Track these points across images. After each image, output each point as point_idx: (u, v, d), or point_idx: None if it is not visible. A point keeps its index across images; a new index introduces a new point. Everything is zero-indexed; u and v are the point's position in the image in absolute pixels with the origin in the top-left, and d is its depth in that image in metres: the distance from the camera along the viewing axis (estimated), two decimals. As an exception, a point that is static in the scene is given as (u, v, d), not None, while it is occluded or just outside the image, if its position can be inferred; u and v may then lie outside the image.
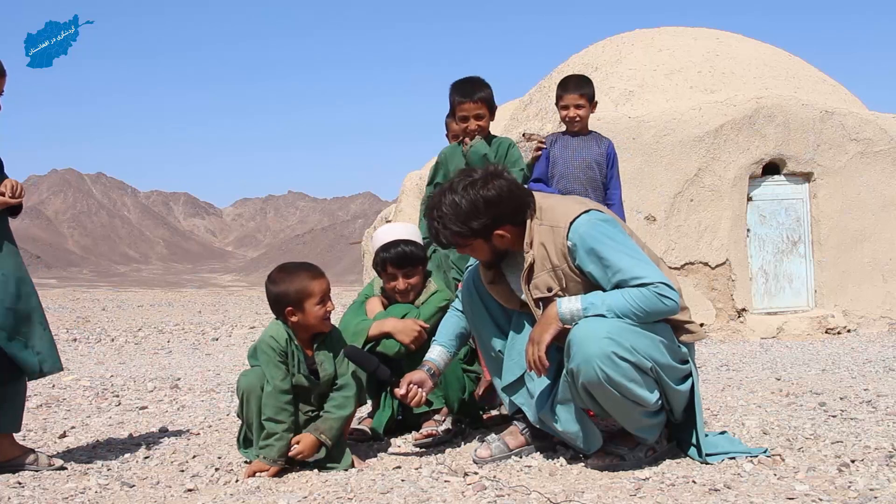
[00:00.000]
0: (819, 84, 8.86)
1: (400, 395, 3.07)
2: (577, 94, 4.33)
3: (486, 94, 4.00)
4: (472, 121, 4.00)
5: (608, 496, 2.47)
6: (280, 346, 2.98)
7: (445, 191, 2.85)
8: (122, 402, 4.79)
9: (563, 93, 4.38)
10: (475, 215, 2.78)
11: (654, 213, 7.45)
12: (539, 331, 2.75)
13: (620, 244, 2.72)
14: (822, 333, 7.54)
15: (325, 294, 3.02)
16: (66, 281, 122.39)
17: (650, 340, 2.68)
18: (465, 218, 2.78)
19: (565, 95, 4.36)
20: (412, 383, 3.08)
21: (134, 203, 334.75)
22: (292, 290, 2.98)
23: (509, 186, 2.83)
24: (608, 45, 9.35)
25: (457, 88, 4.04)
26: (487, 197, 2.78)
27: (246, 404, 3.02)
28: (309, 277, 2.99)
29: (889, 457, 2.79)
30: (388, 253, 3.53)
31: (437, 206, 2.84)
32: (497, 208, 2.79)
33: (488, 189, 2.79)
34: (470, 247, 2.89)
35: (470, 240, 2.84)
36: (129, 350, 8.17)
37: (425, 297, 3.57)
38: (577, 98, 4.33)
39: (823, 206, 7.83)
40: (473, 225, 2.79)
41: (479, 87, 4.03)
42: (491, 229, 2.81)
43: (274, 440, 2.92)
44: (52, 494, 2.74)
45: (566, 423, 2.88)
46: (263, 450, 2.93)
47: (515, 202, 2.83)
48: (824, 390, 4.36)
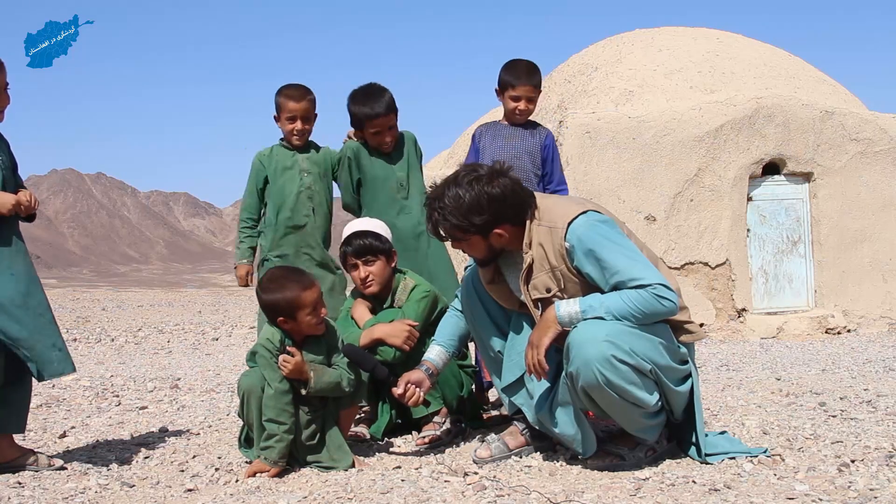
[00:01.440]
0: (819, 84, 8.86)
1: (398, 394, 3.07)
2: (532, 84, 3.96)
3: (390, 100, 3.88)
4: (387, 133, 3.91)
5: (608, 496, 2.47)
6: (275, 348, 2.98)
7: (449, 183, 2.83)
8: (122, 402, 4.79)
9: (515, 81, 3.95)
10: (477, 211, 2.77)
11: (654, 213, 7.45)
12: (538, 334, 2.75)
13: (618, 245, 2.72)
14: (822, 333, 7.54)
15: (317, 302, 2.99)
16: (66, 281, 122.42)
17: (649, 342, 2.67)
18: (466, 212, 2.77)
19: (518, 85, 3.95)
20: (410, 383, 3.08)
21: (134, 203, 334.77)
22: (283, 302, 2.96)
23: (513, 186, 2.82)
24: (608, 45, 9.35)
25: (362, 102, 3.87)
26: (491, 194, 2.77)
27: (246, 405, 3.02)
28: (299, 288, 2.96)
29: (889, 457, 2.79)
30: (348, 246, 3.55)
31: (439, 196, 2.83)
32: (499, 206, 2.78)
33: (493, 186, 2.78)
34: (467, 242, 2.88)
35: (468, 235, 2.84)
36: (129, 350, 8.17)
37: (404, 294, 3.54)
38: (531, 90, 3.96)
39: (823, 206, 7.83)
40: (475, 220, 2.78)
41: (382, 95, 3.88)
42: (491, 227, 2.81)
43: (274, 441, 2.91)
44: (52, 494, 2.74)
45: (564, 426, 2.87)
46: (264, 451, 2.93)
47: (518, 202, 2.82)
48: (824, 390, 4.36)
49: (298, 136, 3.96)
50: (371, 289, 3.54)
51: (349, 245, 3.56)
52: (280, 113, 3.95)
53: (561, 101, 8.77)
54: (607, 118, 7.47)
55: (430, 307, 3.51)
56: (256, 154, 4.06)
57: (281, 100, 3.94)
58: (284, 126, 3.96)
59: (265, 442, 2.93)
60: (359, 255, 3.52)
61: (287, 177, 3.96)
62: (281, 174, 3.96)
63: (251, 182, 4.04)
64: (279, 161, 3.99)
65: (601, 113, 7.57)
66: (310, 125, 3.98)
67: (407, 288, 3.55)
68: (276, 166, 3.98)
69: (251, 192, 4.04)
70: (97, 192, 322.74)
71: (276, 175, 3.98)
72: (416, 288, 3.54)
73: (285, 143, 4.02)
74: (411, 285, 3.55)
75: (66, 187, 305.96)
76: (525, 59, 4.06)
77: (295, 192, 3.94)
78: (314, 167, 4.00)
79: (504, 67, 4.01)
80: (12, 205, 3.02)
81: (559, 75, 9.48)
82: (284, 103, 3.92)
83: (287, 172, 3.97)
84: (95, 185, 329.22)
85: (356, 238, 3.55)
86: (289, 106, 3.91)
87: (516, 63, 4.00)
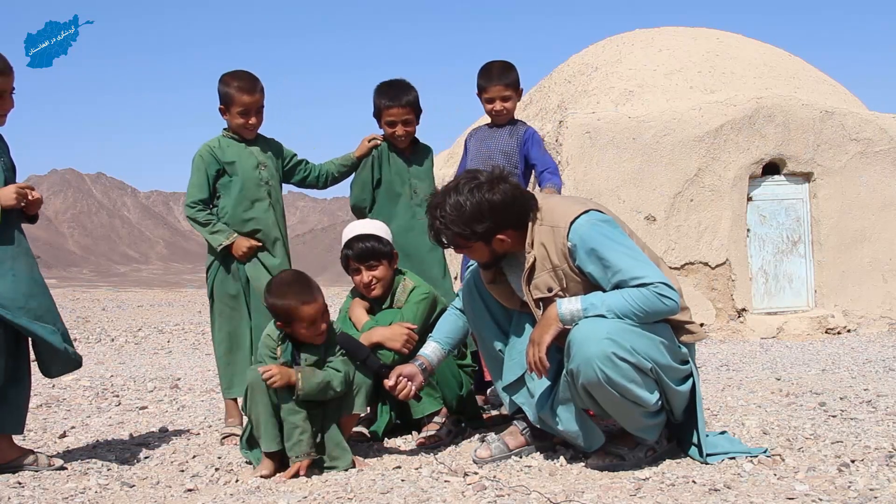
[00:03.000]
0: (819, 84, 8.86)
1: (389, 385, 3.06)
2: (502, 84, 3.92)
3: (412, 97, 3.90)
4: (400, 126, 3.92)
5: (608, 496, 2.47)
6: (274, 344, 3.01)
7: (449, 191, 2.82)
8: (122, 402, 4.79)
9: (486, 84, 3.95)
10: (479, 218, 2.76)
11: (654, 213, 7.45)
12: (539, 332, 2.75)
13: (620, 244, 2.72)
14: (822, 333, 7.54)
15: (315, 317, 2.98)
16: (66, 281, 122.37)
17: (650, 341, 2.67)
18: (468, 220, 2.76)
19: (489, 87, 3.94)
20: (402, 376, 3.07)
21: (134, 203, 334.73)
22: (280, 309, 2.97)
23: (513, 192, 2.81)
24: (608, 45, 9.35)
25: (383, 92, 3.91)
26: (493, 201, 2.76)
27: (251, 399, 3.00)
28: (298, 302, 2.95)
29: (889, 457, 2.79)
30: (350, 250, 3.51)
31: (439, 205, 2.81)
32: (501, 213, 2.77)
33: (494, 193, 2.76)
34: (470, 248, 2.88)
35: (471, 242, 2.83)
36: (129, 350, 8.17)
37: (403, 296, 3.53)
38: (502, 89, 3.92)
39: (823, 206, 7.83)
40: (477, 228, 2.77)
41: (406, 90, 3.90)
42: (493, 233, 2.80)
43: (299, 434, 2.91)
44: (52, 494, 2.74)
45: (567, 423, 2.88)
46: (294, 447, 2.92)
47: (519, 208, 2.81)
48: (824, 390, 4.35)
49: (251, 130, 3.75)
50: (375, 293, 3.53)
51: (350, 249, 3.51)
52: (230, 106, 3.68)
53: (561, 101, 8.77)
54: (607, 118, 7.46)
55: (429, 309, 3.50)
56: (204, 146, 3.75)
57: (231, 92, 3.66)
58: (234, 119, 3.70)
59: (290, 440, 2.92)
60: (362, 260, 3.49)
61: (244, 169, 3.72)
62: (237, 166, 3.71)
63: (200, 174, 3.70)
64: (233, 153, 3.73)
65: (601, 113, 7.56)
66: (261, 116, 3.75)
67: (406, 289, 3.54)
68: (230, 158, 3.72)
69: (202, 185, 3.69)
70: (97, 192, 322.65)
71: (232, 167, 3.71)
72: (415, 289, 3.53)
73: (233, 134, 3.76)
74: (410, 286, 3.54)
75: (66, 187, 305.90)
76: (500, 59, 4.05)
77: (255, 185, 3.72)
78: (269, 161, 3.80)
79: (478, 72, 4.03)
80: (15, 193, 2.99)
81: (559, 75, 9.48)
82: (236, 96, 3.65)
83: (243, 165, 3.72)
84: (95, 185, 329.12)
85: (358, 241, 3.51)
86: (242, 100, 3.65)
87: (489, 65, 4.00)
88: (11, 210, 3.02)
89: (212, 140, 3.79)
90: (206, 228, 3.70)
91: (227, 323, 3.78)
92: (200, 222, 3.71)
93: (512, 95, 3.95)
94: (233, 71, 3.75)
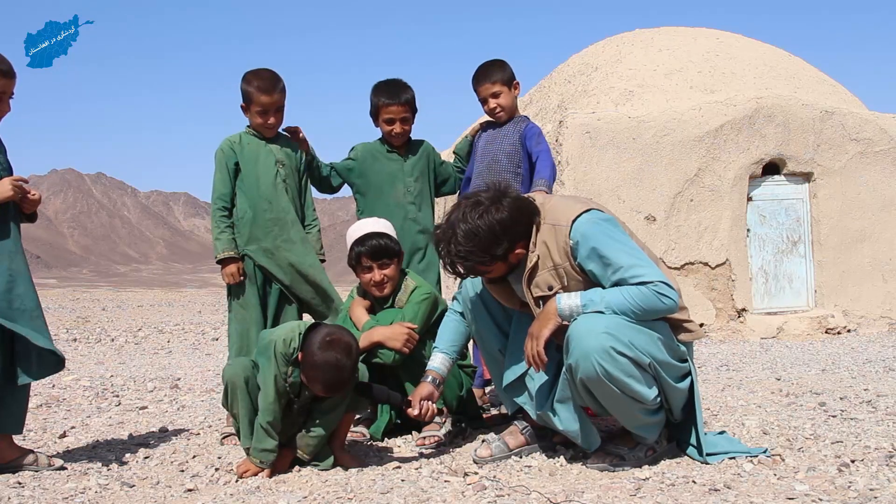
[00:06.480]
0: (819, 84, 8.86)
1: (415, 415, 3.05)
2: (489, 82, 3.90)
3: (410, 96, 3.93)
4: (398, 124, 3.93)
5: (608, 496, 2.47)
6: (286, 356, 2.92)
7: (455, 222, 2.75)
8: (122, 402, 4.79)
9: (475, 85, 3.95)
10: (496, 241, 2.73)
11: (654, 213, 7.45)
12: (538, 326, 2.75)
13: (621, 243, 2.73)
14: (822, 333, 7.54)
15: (333, 392, 2.91)
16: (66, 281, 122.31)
17: (649, 337, 2.68)
18: (486, 246, 2.73)
19: (478, 88, 3.94)
20: (423, 400, 3.06)
21: (134, 203, 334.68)
22: (309, 369, 2.86)
23: (517, 203, 2.80)
24: (608, 45, 9.35)
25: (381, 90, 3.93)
26: (502, 220, 2.73)
27: (231, 395, 3.00)
28: (323, 379, 2.82)
29: (889, 457, 2.79)
30: (362, 246, 3.47)
31: (450, 239, 2.75)
32: (513, 229, 2.75)
33: (501, 211, 2.73)
34: (490, 272, 2.85)
35: (491, 266, 2.81)
36: (129, 350, 8.17)
37: (405, 296, 3.52)
38: (490, 87, 3.90)
39: (823, 206, 7.83)
40: (496, 251, 2.74)
41: (403, 89, 3.93)
42: (510, 251, 2.79)
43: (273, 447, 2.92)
44: (52, 494, 2.74)
45: (566, 422, 2.88)
46: (260, 454, 2.92)
47: (526, 217, 2.80)
48: (824, 390, 4.36)
49: (271, 129, 3.78)
50: (386, 291, 3.51)
51: (363, 245, 3.47)
52: (250, 105, 3.72)
53: (561, 101, 8.78)
54: (607, 118, 7.47)
55: (430, 309, 3.49)
56: (225, 140, 3.80)
57: (251, 91, 3.69)
58: (254, 118, 3.74)
59: (260, 444, 2.92)
60: (375, 257, 3.46)
61: (262, 167, 3.75)
62: (255, 164, 3.75)
63: (223, 169, 3.75)
64: (252, 150, 3.77)
65: (601, 113, 7.57)
66: (281, 115, 3.76)
67: (408, 289, 3.53)
68: (248, 156, 3.76)
69: (224, 180, 3.75)
70: (97, 192, 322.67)
71: (250, 165, 3.75)
72: (417, 290, 3.52)
73: (254, 132, 3.80)
74: (412, 286, 3.54)
75: (66, 187, 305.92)
76: (490, 59, 4.05)
77: (272, 182, 3.74)
78: (288, 160, 3.82)
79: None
80: (11, 184, 2.97)
81: (559, 75, 9.49)
82: (256, 96, 3.68)
83: (262, 163, 3.75)
84: (95, 185, 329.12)
85: (371, 238, 3.48)
86: (261, 100, 3.68)
87: (478, 67, 4.00)
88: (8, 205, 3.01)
89: (233, 135, 3.83)
90: (215, 233, 3.78)
91: (240, 323, 3.81)
92: (214, 224, 3.80)
93: (502, 91, 3.92)
94: (256, 69, 3.76)
